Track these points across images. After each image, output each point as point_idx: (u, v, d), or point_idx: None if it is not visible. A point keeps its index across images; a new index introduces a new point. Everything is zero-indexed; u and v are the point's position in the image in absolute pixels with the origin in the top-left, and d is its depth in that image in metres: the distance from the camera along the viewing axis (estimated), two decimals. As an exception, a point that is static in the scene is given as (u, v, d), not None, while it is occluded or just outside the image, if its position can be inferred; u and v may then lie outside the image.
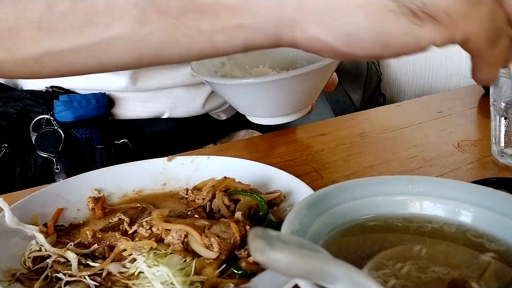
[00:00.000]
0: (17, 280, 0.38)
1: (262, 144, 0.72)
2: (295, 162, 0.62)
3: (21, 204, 0.47)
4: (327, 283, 0.22)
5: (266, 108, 0.64)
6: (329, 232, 0.32)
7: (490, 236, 0.32)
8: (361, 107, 1.10)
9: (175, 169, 0.58)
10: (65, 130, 0.73)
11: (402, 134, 0.72)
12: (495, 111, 0.57)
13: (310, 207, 0.32)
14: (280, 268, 0.21)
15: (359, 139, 0.70)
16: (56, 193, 0.52)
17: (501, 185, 0.44)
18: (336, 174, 0.58)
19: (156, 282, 0.37)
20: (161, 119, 0.83)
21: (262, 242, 0.21)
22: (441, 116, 0.80)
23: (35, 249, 0.42)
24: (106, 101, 0.77)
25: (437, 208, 0.34)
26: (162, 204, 0.52)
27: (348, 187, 0.35)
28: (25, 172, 0.74)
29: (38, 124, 0.73)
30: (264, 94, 0.61)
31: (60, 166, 0.72)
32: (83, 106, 0.74)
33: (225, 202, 0.46)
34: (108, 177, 0.56)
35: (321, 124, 0.81)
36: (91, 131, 0.75)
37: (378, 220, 0.34)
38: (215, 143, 0.89)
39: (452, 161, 0.60)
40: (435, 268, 0.28)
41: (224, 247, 0.39)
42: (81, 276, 0.39)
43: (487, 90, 0.93)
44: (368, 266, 0.28)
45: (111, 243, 0.42)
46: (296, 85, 0.60)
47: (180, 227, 0.40)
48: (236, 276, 0.38)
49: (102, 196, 0.52)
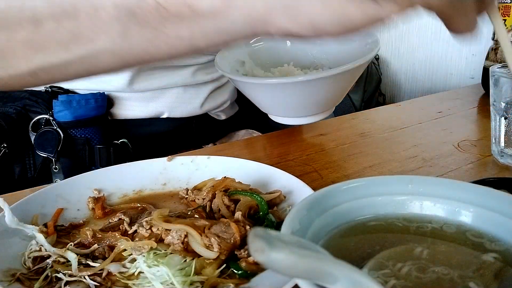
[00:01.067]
0: (17, 280, 0.38)
1: (262, 144, 0.72)
2: (295, 162, 0.62)
3: (21, 204, 0.47)
4: (327, 283, 0.22)
5: (291, 108, 0.63)
6: (329, 232, 0.32)
7: (490, 236, 0.32)
8: (361, 107, 1.10)
9: (175, 169, 0.58)
10: (64, 130, 0.73)
11: (402, 134, 0.72)
12: (495, 111, 0.57)
13: (310, 207, 0.32)
14: (280, 268, 0.21)
15: (359, 139, 0.70)
16: (56, 193, 0.52)
17: (501, 185, 0.44)
18: (336, 174, 0.58)
19: (156, 282, 0.37)
20: (161, 119, 0.83)
21: (262, 242, 0.21)
22: (441, 116, 0.80)
23: (35, 249, 0.42)
24: (105, 101, 0.77)
25: (437, 208, 0.34)
26: (162, 204, 0.52)
27: (348, 187, 0.35)
28: (24, 172, 0.74)
29: (37, 124, 0.73)
30: (291, 94, 0.60)
31: (58, 166, 0.72)
32: (82, 106, 0.74)
33: (225, 202, 0.46)
34: (108, 177, 0.56)
35: (321, 124, 0.81)
36: (90, 131, 0.75)
37: (378, 220, 0.34)
38: (215, 143, 0.89)
39: (452, 161, 0.60)
40: (435, 268, 0.28)
41: (224, 247, 0.39)
42: (81, 276, 0.39)
43: (487, 90, 0.93)
44: (368, 266, 0.28)
45: (111, 243, 0.42)
46: (324, 86, 0.59)
47: (180, 227, 0.40)
48: (236, 276, 0.38)
49: (102, 196, 0.52)
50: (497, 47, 0.91)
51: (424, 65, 1.24)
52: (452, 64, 1.17)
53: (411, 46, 1.26)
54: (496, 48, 0.91)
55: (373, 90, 1.13)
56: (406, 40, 1.27)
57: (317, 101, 0.62)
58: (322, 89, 0.59)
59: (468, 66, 1.14)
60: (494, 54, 0.91)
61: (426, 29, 1.21)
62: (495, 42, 0.91)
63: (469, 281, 0.27)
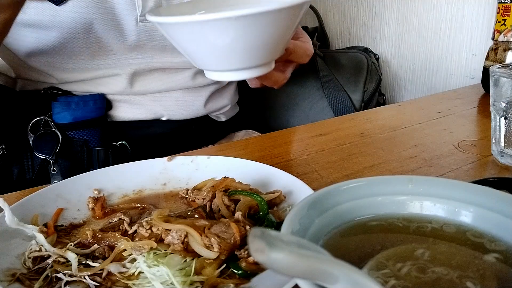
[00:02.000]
0: (17, 280, 0.38)
1: (262, 144, 0.72)
2: (295, 162, 0.62)
3: (21, 204, 0.47)
4: (327, 283, 0.22)
5: (223, 57, 0.51)
6: (329, 232, 0.32)
7: (490, 236, 0.32)
8: (361, 107, 1.10)
9: (175, 169, 0.58)
10: (62, 131, 0.73)
11: (402, 134, 0.72)
12: (495, 111, 0.57)
13: (310, 207, 0.32)
14: (280, 268, 0.21)
15: (359, 139, 0.70)
16: (56, 193, 0.52)
17: (501, 185, 0.44)
18: (336, 174, 0.58)
19: (156, 282, 0.37)
20: (160, 121, 0.83)
21: (262, 242, 0.21)
22: (441, 116, 0.80)
23: (35, 249, 0.42)
24: (104, 102, 0.77)
25: (437, 208, 0.34)
26: (162, 204, 0.52)
27: (348, 187, 0.34)
28: (23, 174, 0.74)
29: (36, 125, 0.73)
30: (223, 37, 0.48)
31: (57, 168, 0.72)
32: (81, 108, 0.74)
33: (225, 202, 0.46)
34: (108, 177, 0.56)
35: (321, 124, 0.81)
36: (89, 133, 0.75)
37: (378, 220, 0.34)
38: (214, 145, 0.89)
39: (452, 161, 0.60)
40: (435, 269, 0.28)
41: (224, 247, 0.39)
42: (81, 276, 0.39)
43: (487, 90, 0.93)
44: (368, 266, 0.28)
45: (111, 243, 0.42)
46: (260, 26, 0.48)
47: (180, 227, 0.40)
48: (236, 276, 0.38)
49: (102, 196, 0.52)
50: (497, 47, 0.91)
51: (424, 65, 1.24)
52: (452, 64, 1.17)
53: (411, 46, 1.26)
54: (496, 48, 0.91)
55: (373, 90, 1.13)
56: (406, 40, 1.27)
57: (249, 48, 0.50)
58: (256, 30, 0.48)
59: (468, 66, 1.14)
60: (494, 54, 0.91)
61: (426, 29, 1.21)
62: (495, 42, 0.91)
63: (469, 282, 0.27)
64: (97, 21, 0.69)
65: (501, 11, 0.89)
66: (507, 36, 0.88)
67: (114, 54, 0.75)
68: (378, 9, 1.33)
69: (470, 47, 1.13)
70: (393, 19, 1.29)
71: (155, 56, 0.77)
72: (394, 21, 1.29)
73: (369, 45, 1.35)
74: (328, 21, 1.49)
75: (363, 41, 1.40)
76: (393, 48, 1.32)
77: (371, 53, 1.23)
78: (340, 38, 1.47)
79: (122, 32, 0.72)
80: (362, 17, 1.38)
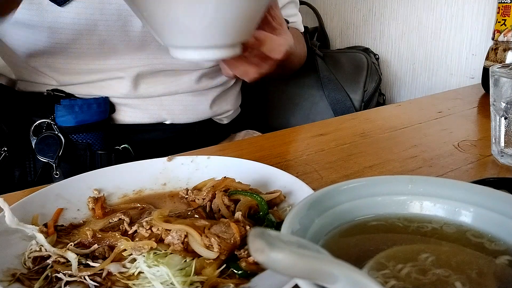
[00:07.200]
0: (17, 280, 0.38)
1: (262, 144, 0.72)
2: (295, 162, 0.62)
3: (21, 204, 0.47)
4: (327, 283, 0.22)
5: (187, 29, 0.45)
6: (329, 232, 0.32)
7: (490, 236, 0.32)
8: (361, 107, 1.10)
9: (175, 169, 0.58)
10: (65, 135, 0.72)
11: (402, 134, 0.72)
12: (495, 111, 0.57)
13: (310, 207, 0.32)
14: (280, 268, 0.21)
15: (359, 139, 0.70)
16: (56, 193, 0.51)
17: (501, 185, 0.44)
18: (336, 174, 0.58)
19: (156, 282, 0.37)
20: (163, 124, 0.83)
21: (262, 242, 0.21)
22: (441, 116, 0.80)
23: (35, 249, 0.42)
24: (107, 106, 0.76)
25: (437, 208, 0.34)
26: (162, 204, 0.52)
27: (348, 187, 0.34)
28: (24, 176, 0.74)
29: (39, 128, 0.73)
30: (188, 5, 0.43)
31: (59, 172, 0.71)
32: (84, 111, 0.73)
33: (225, 202, 0.46)
34: (108, 177, 0.56)
35: (321, 124, 0.81)
36: (92, 136, 0.74)
37: (378, 220, 0.34)
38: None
39: (452, 161, 0.60)
40: (435, 270, 0.28)
41: (224, 247, 0.39)
42: (81, 276, 0.39)
43: (487, 90, 0.93)
44: (368, 266, 0.28)
45: (111, 243, 0.42)
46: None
47: (180, 227, 0.40)
48: (236, 276, 0.38)
49: (102, 196, 0.52)
50: (497, 47, 0.91)
51: (424, 65, 1.24)
52: (452, 64, 1.17)
53: (411, 46, 1.26)
54: (496, 48, 0.91)
55: (373, 90, 1.13)
56: (406, 40, 1.27)
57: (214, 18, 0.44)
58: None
59: (468, 66, 1.14)
60: (494, 54, 0.91)
61: (426, 29, 1.21)
62: (495, 42, 0.91)
63: (469, 282, 0.27)
64: (101, 22, 0.69)
65: (501, 11, 0.89)
66: (507, 36, 0.88)
67: (117, 55, 0.74)
68: (378, 9, 1.33)
69: (470, 47, 1.13)
70: (393, 19, 1.29)
71: (160, 57, 0.77)
72: (394, 21, 1.29)
73: (369, 45, 1.35)
74: (328, 21, 1.49)
75: (363, 41, 1.40)
76: (393, 48, 1.32)
77: (371, 53, 1.23)
78: (340, 38, 1.47)
79: (127, 33, 0.72)
80: (362, 17, 1.38)
